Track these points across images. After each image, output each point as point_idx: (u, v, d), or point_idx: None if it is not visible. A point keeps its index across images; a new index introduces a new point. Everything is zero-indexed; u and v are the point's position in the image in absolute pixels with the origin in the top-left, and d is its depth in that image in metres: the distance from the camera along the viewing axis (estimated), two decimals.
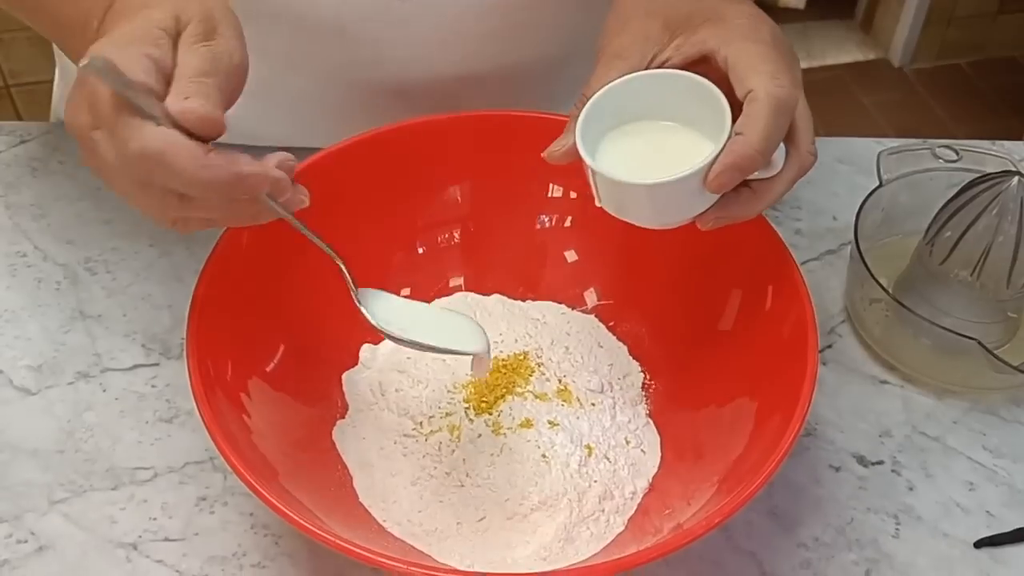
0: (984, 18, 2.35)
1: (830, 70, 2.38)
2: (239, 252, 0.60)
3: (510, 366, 0.64)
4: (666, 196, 0.54)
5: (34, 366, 0.68)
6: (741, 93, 0.53)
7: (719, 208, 0.54)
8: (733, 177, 0.52)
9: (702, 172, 0.52)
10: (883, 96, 2.31)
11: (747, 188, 0.54)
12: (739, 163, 0.51)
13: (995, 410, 0.68)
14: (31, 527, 0.60)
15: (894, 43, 2.38)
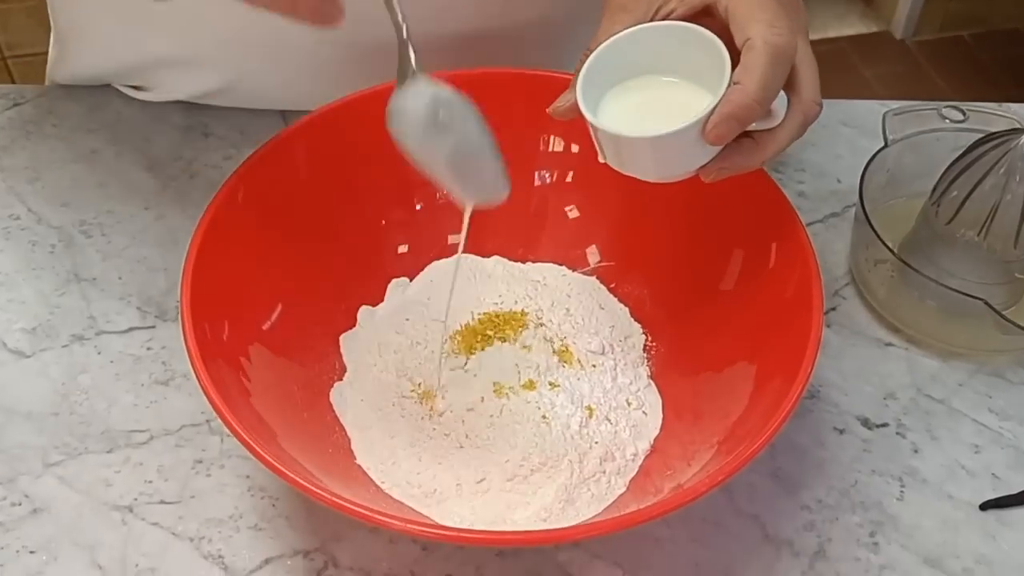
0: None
1: (832, 43, 2.36)
2: (234, 212, 0.59)
3: (503, 318, 0.64)
4: (667, 149, 0.53)
5: (28, 329, 0.67)
6: (740, 42, 0.51)
7: (721, 159, 0.53)
8: (731, 127, 0.51)
9: (701, 123, 0.51)
10: (885, 68, 2.30)
11: (749, 139, 0.53)
12: (736, 113, 0.50)
13: (1001, 372, 0.68)
14: (25, 490, 0.60)
15: (896, 15, 2.36)
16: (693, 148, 0.52)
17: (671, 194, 0.60)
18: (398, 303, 0.66)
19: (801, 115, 0.54)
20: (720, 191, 0.61)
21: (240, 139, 0.78)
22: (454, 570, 0.57)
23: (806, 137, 0.80)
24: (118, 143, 0.78)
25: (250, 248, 0.60)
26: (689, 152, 0.53)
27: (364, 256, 0.65)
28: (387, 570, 0.57)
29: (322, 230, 0.62)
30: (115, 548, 0.57)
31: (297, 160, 0.61)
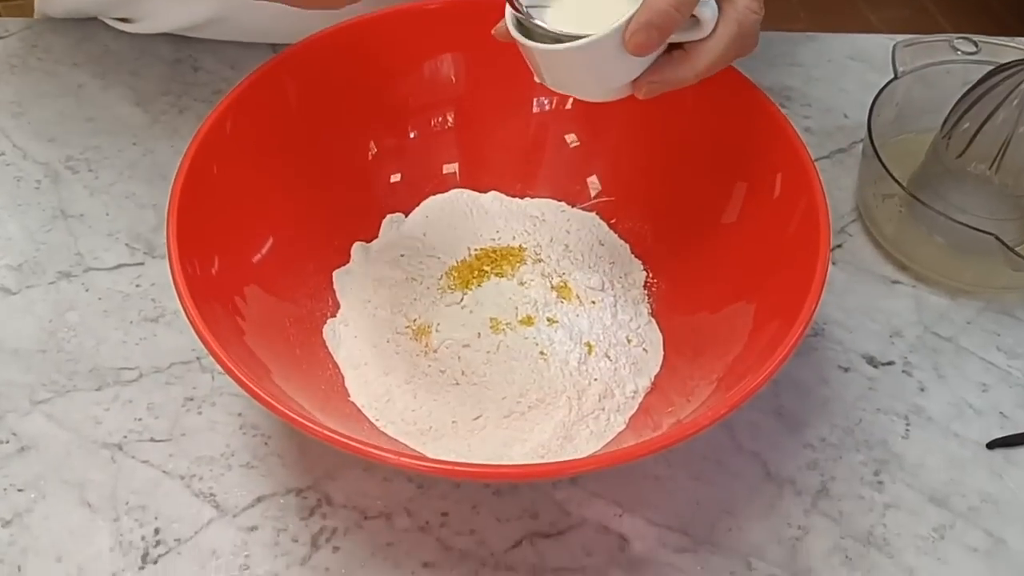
0: None
1: None
2: (222, 143, 0.57)
3: (500, 253, 0.63)
4: (590, 60, 0.50)
5: (14, 265, 0.66)
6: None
7: (652, 72, 0.51)
8: (651, 35, 0.48)
9: (620, 32, 0.48)
10: (891, 12, 2.27)
11: (680, 50, 0.51)
12: (654, 20, 0.48)
13: (1010, 310, 0.67)
14: (12, 427, 0.59)
15: None
16: (619, 60, 0.50)
17: (674, 124, 0.59)
18: (393, 238, 0.65)
19: (735, 23, 0.50)
20: (724, 122, 0.60)
21: (231, 74, 0.77)
22: (450, 508, 0.56)
23: (812, 72, 0.80)
24: (105, 77, 0.76)
25: (239, 180, 0.58)
26: (616, 65, 0.50)
27: (357, 188, 0.64)
28: (382, 508, 0.56)
29: (313, 161, 0.60)
30: (105, 486, 0.57)
31: (287, 89, 0.60)
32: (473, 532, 0.56)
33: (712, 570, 0.55)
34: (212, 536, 0.55)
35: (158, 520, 0.55)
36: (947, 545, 0.56)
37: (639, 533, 0.56)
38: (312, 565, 0.54)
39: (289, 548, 0.55)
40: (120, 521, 0.55)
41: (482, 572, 0.54)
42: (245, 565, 0.54)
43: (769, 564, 0.55)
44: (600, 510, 0.57)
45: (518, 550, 0.55)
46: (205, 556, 0.54)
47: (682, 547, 0.56)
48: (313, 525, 0.56)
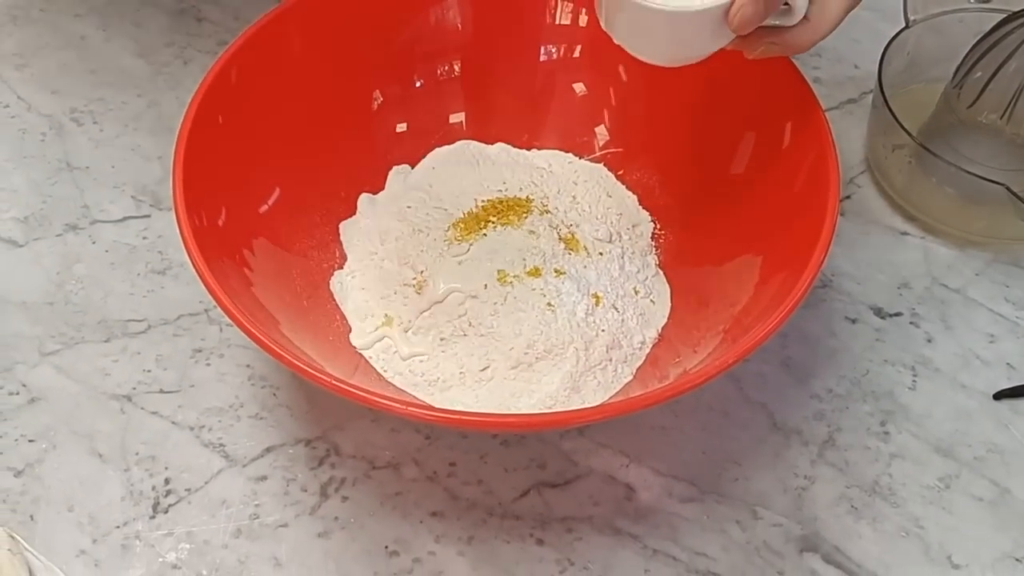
0: None
1: None
2: (226, 93, 0.57)
3: (506, 203, 0.63)
4: (684, 29, 0.51)
5: (20, 218, 0.66)
6: None
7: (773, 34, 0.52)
8: (756, 12, 0.49)
9: (725, 6, 0.49)
10: None
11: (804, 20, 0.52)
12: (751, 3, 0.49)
13: (1019, 261, 0.67)
14: (22, 379, 0.60)
15: None
16: (711, 32, 0.50)
17: (682, 72, 0.58)
18: (399, 190, 0.65)
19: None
20: (733, 70, 0.59)
21: (235, 24, 0.77)
22: (458, 458, 0.57)
23: None
24: (108, 28, 0.76)
25: (244, 131, 0.58)
26: (706, 36, 0.51)
27: (362, 138, 0.63)
28: (390, 458, 0.57)
29: (319, 111, 0.60)
30: (114, 436, 0.58)
31: (291, 39, 0.60)
32: (481, 482, 0.56)
33: (718, 519, 0.55)
34: (222, 486, 0.56)
35: (168, 470, 0.56)
36: (952, 495, 0.57)
37: (646, 483, 0.57)
38: (321, 514, 0.55)
39: (298, 497, 0.55)
40: (130, 471, 0.56)
41: (490, 521, 0.55)
42: (255, 514, 0.55)
43: (775, 513, 0.56)
44: (607, 460, 0.57)
45: (525, 499, 0.56)
46: (215, 505, 0.55)
47: (688, 496, 0.56)
48: (322, 475, 0.56)
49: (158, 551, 0.53)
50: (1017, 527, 0.56)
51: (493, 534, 0.54)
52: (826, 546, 0.55)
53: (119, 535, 0.54)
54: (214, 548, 0.54)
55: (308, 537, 0.54)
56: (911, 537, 0.55)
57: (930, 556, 0.55)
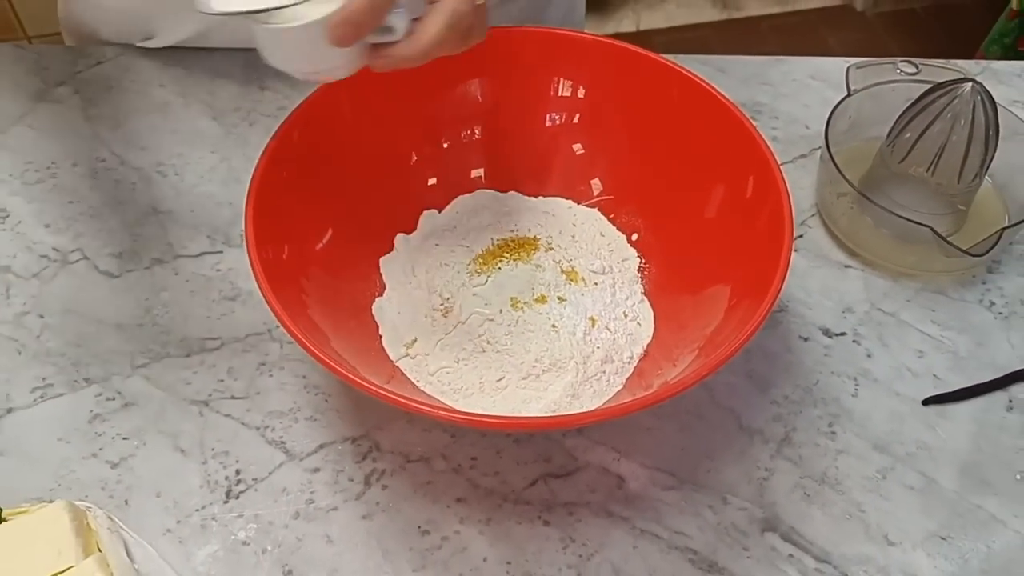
0: None
1: (801, 14, 2.31)
2: (290, 149, 0.58)
3: (517, 242, 0.63)
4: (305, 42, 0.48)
5: (115, 254, 0.67)
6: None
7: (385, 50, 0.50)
8: (347, 32, 0.47)
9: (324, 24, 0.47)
10: (847, 36, 2.25)
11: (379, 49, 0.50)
12: (349, 18, 0.47)
13: (943, 290, 0.67)
14: (117, 387, 0.60)
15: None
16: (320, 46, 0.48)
17: (663, 135, 0.60)
18: (429, 230, 0.65)
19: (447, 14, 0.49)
20: (706, 134, 0.61)
21: (291, 92, 0.77)
22: (478, 453, 0.58)
23: (779, 89, 0.80)
24: (187, 96, 0.77)
25: (303, 182, 0.59)
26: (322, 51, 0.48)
27: (400, 189, 0.64)
28: (422, 453, 0.58)
29: (365, 167, 0.61)
30: (194, 435, 0.58)
31: (342, 105, 0.60)
32: (497, 473, 0.57)
33: (694, 504, 0.56)
34: (283, 476, 0.56)
35: (238, 463, 0.57)
36: (889, 484, 0.57)
37: (634, 474, 0.57)
38: (365, 500, 0.56)
39: (346, 486, 0.56)
40: (207, 464, 0.57)
41: (504, 506, 0.56)
42: (310, 500, 0.56)
43: (741, 499, 0.56)
44: (602, 455, 0.58)
45: (534, 488, 0.56)
46: (277, 492, 0.56)
47: (669, 485, 0.57)
48: (366, 467, 0.57)
49: (230, 530, 0.54)
50: (942, 511, 0.56)
51: (508, 516, 0.55)
52: (783, 527, 0.55)
53: (198, 517, 0.55)
54: (277, 528, 0.54)
55: (354, 519, 0.55)
56: (854, 519, 0.56)
57: (870, 535, 0.55)
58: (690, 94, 0.60)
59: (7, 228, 0.68)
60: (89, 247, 0.67)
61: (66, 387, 0.60)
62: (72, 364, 0.61)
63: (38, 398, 0.59)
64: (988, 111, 0.63)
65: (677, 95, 0.61)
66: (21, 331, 0.62)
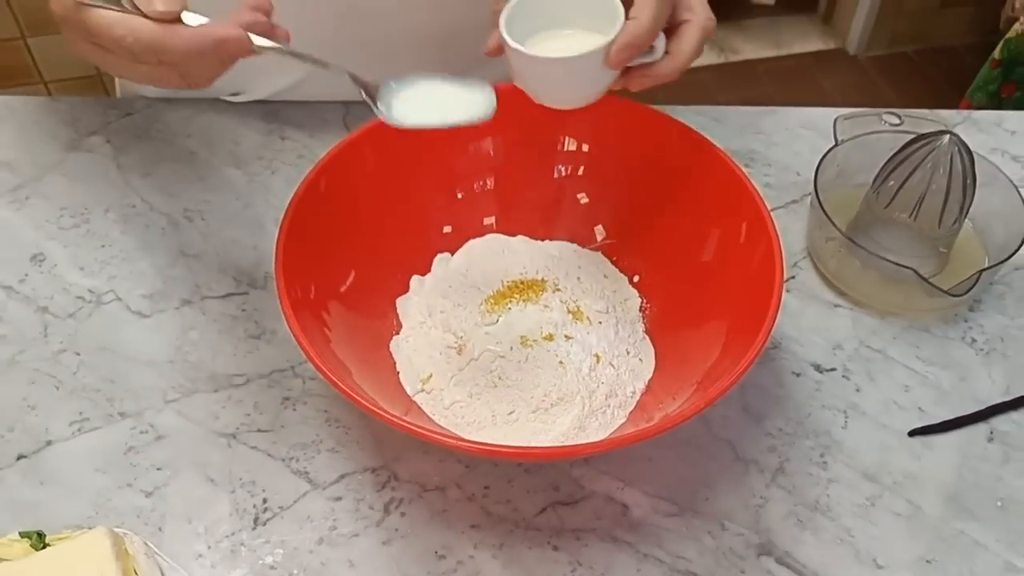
0: (928, 12, 2.34)
1: (796, 58, 2.38)
2: (316, 198, 0.61)
3: (526, 284, 0.67)
4: (574, 71, 0.55)
5: (146, 295, 0.70)
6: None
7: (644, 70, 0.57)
8: (630, 53, 0.54)
9: (604, 50, 0.54)
10: (841, 80, 2.31)
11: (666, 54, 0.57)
12: (633, 41, 0.54)
13: (927, 328, 0.70)
14: (150, 421, 0.63)
15: (851, 34, 2.37)
16: (596, 73, 0.55)
17: (662, 185, 0.63)
18: (442, 273, 0.69)
19: (700, 30, 0.56)
20: (702, 183, 0.64)
21: (310, 141, 0.81)
22: (490, 483, 0.61)
23: (772, 138, 0.85)
24: (212, 145, 0.80)
25: (328, 228, 0.62)
26: (593, 76, 0.55)
27: (417, 235, 0.68)
28: (437, 483, 0.61)
29: (384, 215, 0.64)
30: (223, 466, 0.61)
31: (365, 158, 0.64)
32: (509, 501, 0.60)
33: (694, 530, 0.59)
34: (307, 504, 0.59)
35: (265, 492, 0.60)
36: (877, 511, 0.60)
37: (637, 502, 0.60)
38: (384, 527, 0.59)
39: (367, 513, 0.59)
40: (236, 493, 0.60)
41: (516, 532, 0.59)
42: (333, 526, 0.59)
43: (738, 525, 0.59)
44: (607, 484, 0.61)
45: (543, 515, 0.59)
46: (302, 519, 0.59)
47: (670, 512, 0.60)
48: (385, 496, 0.60)
49: (258, 555, 0.57)
50: (928, 536, 0.59)
51: (519, 542, 0.58)
52: (778, 551, 0.58)
53: (228, 543, 0.58)
54: (302, 553, 0.57)
55: (375, 544, 0.58)
56: (845, 544, 0.59)
57: (860, 559, 0.58)
58: (686, 145, 0.64)
59: (44, 271, 0.72)
60: (121, 288, 0.71)
61: (102, 421, 0.64)
62: (107, 399, 0.65)
63: (76, 431, 0.63)
64: (965, 161, 0.67)
65: (675, 146, 0.65)
66: (58, 368, 0.66)
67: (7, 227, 0.75)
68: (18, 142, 0.81)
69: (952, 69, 2.32)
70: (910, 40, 2.37)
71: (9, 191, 0.77)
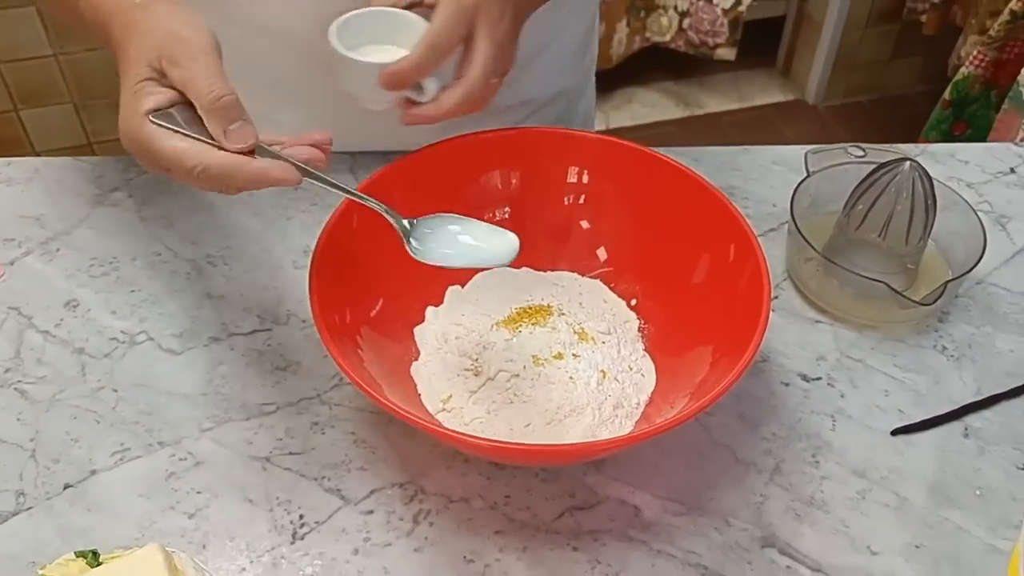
0: (880, 64, 2.46)
1: (757, 109, 2.48)
2: (345, 233, 0.66)
3: (534, 309, 0.72)
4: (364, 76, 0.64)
5: (177, 334, 0.74)
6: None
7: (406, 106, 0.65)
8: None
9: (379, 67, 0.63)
10: (802, 128, 2.41)
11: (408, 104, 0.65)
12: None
13: (902, 338, 0.76)
14: (188, 449, 0.67)
15: (809, 85, 2.48)
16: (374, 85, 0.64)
17: (656, 213, 0.69)
18: (455, 303, 0.73)
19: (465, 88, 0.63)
20: (692, 211, 0.70)
21: (321, 190, 0.85)
22: (511, 492, 0.65)
23: (748, 174, 0.91)
24: (229, 197, 0.84)
25: (357, 261, 0.67)
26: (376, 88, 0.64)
27: (431, 269, 0.72)
28: (462, 494, 0.65)
29: (402, 254, 0.69)
30: (260, 487, 0.65)
31: (391, 194, 0.65)
32: (528, 508, 0.64)
33: (701, 527, 0.63)
34: (341, 519, 0.63)
35: (301, 509, 0.64)
36: (867, 503, 0.65)
37: (647, 504, 0.64)
38: (415, 536, 0.62)
39: (397, 525, 0.63)
40: (274, 511, 0.64)
41: (537, 536, 0.63)
42: (367, 538, 0.62)
43: (742, 521, 0.64)
44: (619, 489, 0.65)
45: (562, 519, 0.64)
46: (337, 532, 0.62)
47: (679, 512, 0.64)
48: (413, 508, 0.64)
49: (298, 567, 0.61)
50: (915, 524, 0.64)
51: (541, 544, 0.62)
52: (780, 543, 0.63)
53: (269, 557, 0.61)
54: (339, 563, 0.61)
55: (407, 552, 0.62)
56: (840, 534, 0.63)
57: (855, 547, 0.63)
58: (675, 179, 0.71)
59: (78, 316, 0.76)
60: (152, 329, 0.75)
61: (142, 450, 0.67)
62: (146, 430, 0.68)
63: (118, 460, 0.67)
64: (925, 184, 0.74)
65: (665, 180, 0.71)
66: (98, 403, 0.70)
67: (40, 277, 0.79)
68: (45, 199, 0.85)
69: (904, 115, 2.44)
70: (865, 90, 2.49)
71: (40, 244, 0.81)
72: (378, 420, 0.69)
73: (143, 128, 0.56)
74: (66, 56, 1.91)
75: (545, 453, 0.62)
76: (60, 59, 1.91)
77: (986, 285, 0.81)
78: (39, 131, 2.01)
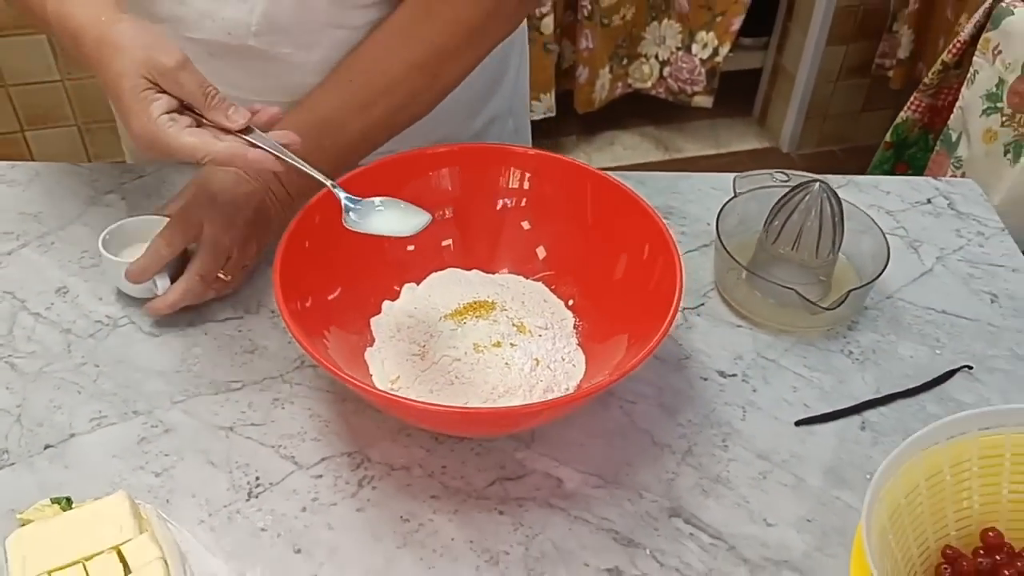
0: (850, 116, 2.56)
1: (733, 155, 2.57)
2: (310, 227, 0.73)
3: (479, 304, 0.79)
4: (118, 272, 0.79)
5: (156, 320, 0.81)
6: None
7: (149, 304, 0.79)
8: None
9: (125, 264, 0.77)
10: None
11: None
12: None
13: (813, 343, 0.83)
14: (160, 417, 0.74)
15: (783, 134, 2.57)
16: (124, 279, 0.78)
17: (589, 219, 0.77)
18: (409, 298, 0.81)
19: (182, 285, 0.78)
20: (616, 218, 0.78)
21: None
22: (448, 463, 0.72)
23: (686, 197, 0.99)
24: None
25: (320, 251, 0.74)
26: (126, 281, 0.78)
27: (387, 260, 0.80)
28: (403, 463, 0.71)
29: (365, 246, 0.75)
30: (222, 453, 0.71)
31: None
32: (463, 477, 0.71)
33: (616, 498, 0.70)
34: (293, 481, 0.70)
35: (257, 472, 0.70)
36: (768, 483, 0.72)
37: (569, 477, 0.71)
38: (358, 497, 0.69)
39: (343, 488, 0.69)
40: (233, 473, 0.70)
41: (468, 501, 0.69)
42: (315, 498, 0.69)
43: (653, 494, 0.70)
44: (545, 464, 0.72)
45: (492, 487, 0.70)
46: (288, 492, 0.69)
47: (597, 485, 0.71)
48: (359, 474, 0.70)
49: (252, 521, 0.67)
50: (809, 502, 0.71)
51: (471, 508, 0.69)
52: (686, 513, 0.69)
53: (225, 512, 0.68)
54: (288, 519, 0.67)
55: (350, 511, 0.68)
56: (741, 508, 0.70)
57: (753, 519, 0.69)
58: (603, 189, 0.79)
59: (68, 301, 0.83)
60: (134, 315, 0.82)
61: (118, 418, 0.74)
62: (122, 401, 0.75)
63: (95, 426, 0.74)
64: (833, 203, 0.82)
65: (592, 188, 0.80)
66: (80, 376, 0.77)
67: (35, 266, 0.86)
68: (44, 198, 0.93)
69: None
70: (836, 139, 2.59)
71: (37, 237, 0.89)
72: (333, 398, 0.76)
73: (159, 128, 0.66)
74: (72, 81, 2.01)
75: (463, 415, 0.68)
76: (67, 84, 2.01)
77: (895, 300, 0.88)
78: (43, 152, 2.10)
